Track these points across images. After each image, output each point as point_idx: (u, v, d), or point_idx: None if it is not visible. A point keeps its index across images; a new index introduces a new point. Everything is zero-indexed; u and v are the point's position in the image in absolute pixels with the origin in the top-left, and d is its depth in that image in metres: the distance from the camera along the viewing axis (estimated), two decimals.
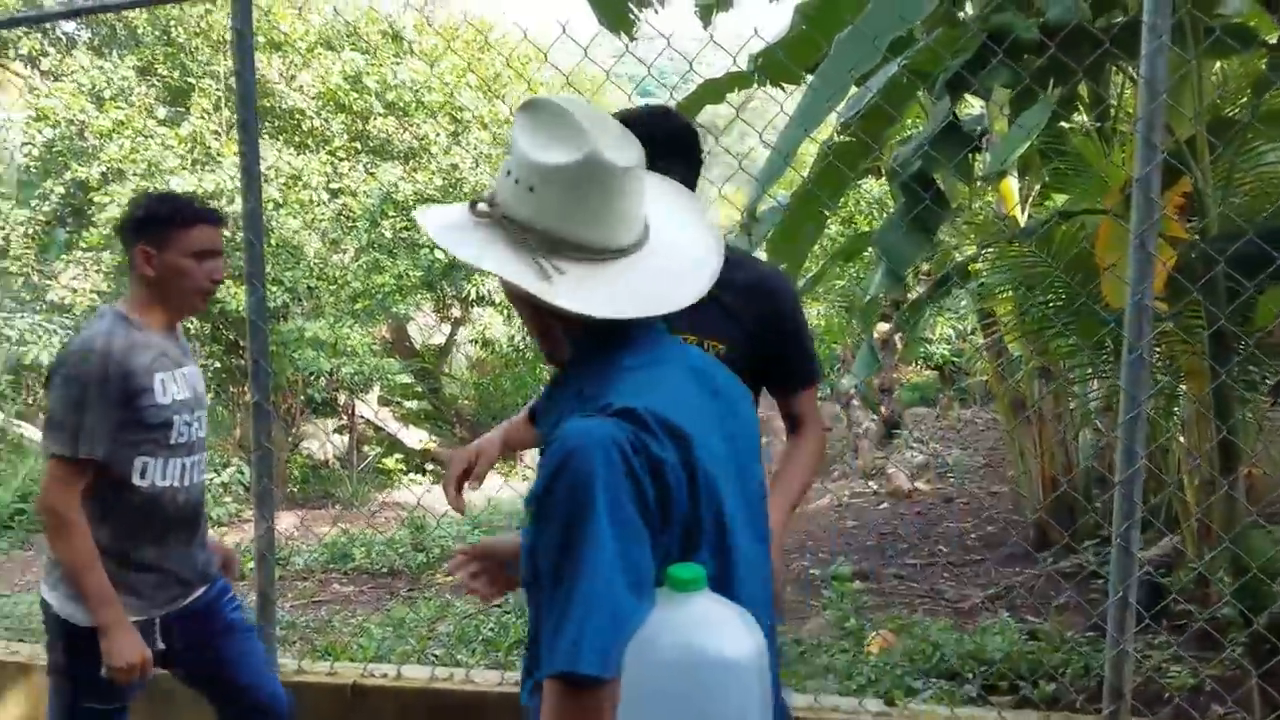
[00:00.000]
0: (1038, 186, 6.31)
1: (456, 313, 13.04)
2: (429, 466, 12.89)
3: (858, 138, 3.59)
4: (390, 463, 12.76)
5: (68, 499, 2.20)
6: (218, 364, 11.04)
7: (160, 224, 2.29)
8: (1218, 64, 4.22)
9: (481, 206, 1.32)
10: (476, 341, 12.87)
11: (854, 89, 3.58)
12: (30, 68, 10.85)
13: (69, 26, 11.12)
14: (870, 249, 5.78)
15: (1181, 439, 4.65)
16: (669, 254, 1.35)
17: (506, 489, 7.76)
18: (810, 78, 3.83)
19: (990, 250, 5.00)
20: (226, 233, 2.69)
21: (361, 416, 12.40)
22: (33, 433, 11.42)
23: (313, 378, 10.80)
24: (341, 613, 6.10)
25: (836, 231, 11.77)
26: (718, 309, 1.93)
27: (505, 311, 11.85)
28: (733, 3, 5.67)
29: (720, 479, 1.30)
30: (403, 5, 11.54)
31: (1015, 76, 2.98)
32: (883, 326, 10.07)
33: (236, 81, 2.95)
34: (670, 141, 1.91)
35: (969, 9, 3.81)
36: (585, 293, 1.27)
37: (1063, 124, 4.33)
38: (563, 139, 1.28)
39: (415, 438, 12.94)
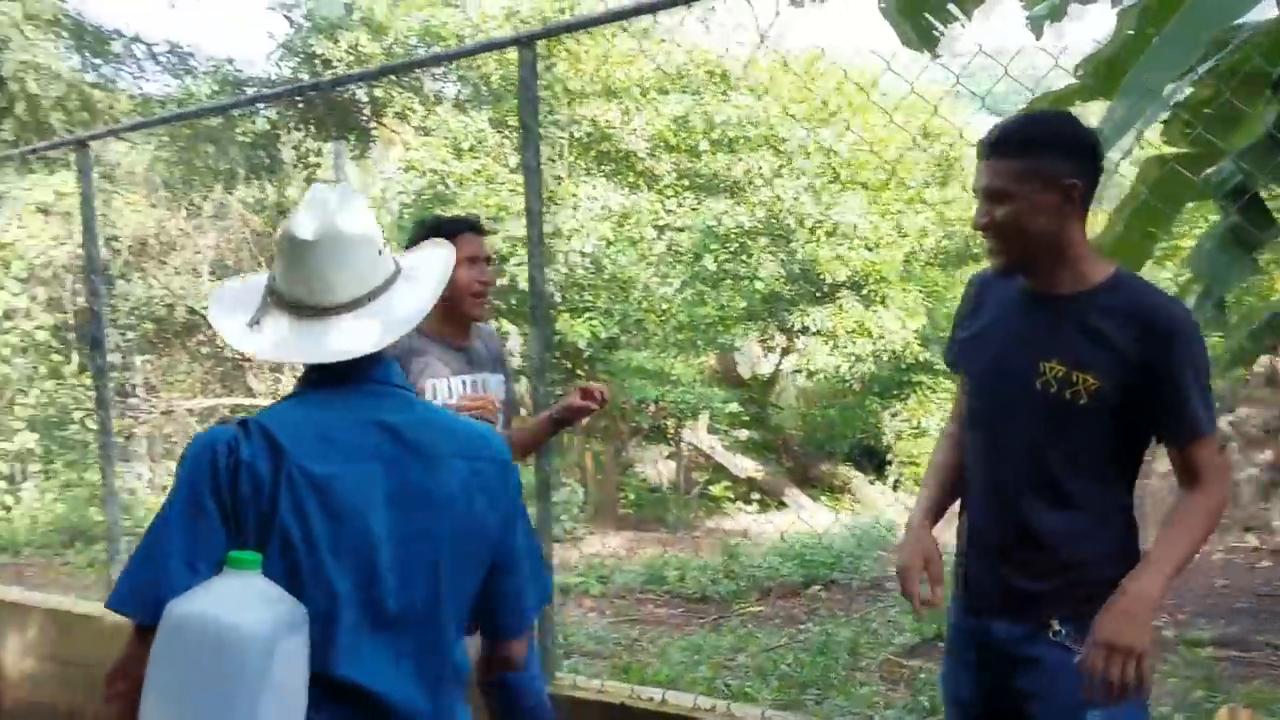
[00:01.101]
0: None
1: (782, 342, 13.07)
2: (754, 496, 12.99)
3: (1181, 149, 3.21)
4: (718, 490, 12.98)
5: None
6: (559, 390, 11.77)
7: (428, 239, 2.52)
8: None
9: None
10: (802, 371, 12.81)
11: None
12: (402, 122, 12.21)
13: (435, 84, 12.44)
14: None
15: None
16: (368, 318, 1.56)
17: (837, 525, 7.66)
18: None
19: None
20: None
21: (690, 444, 12.74)
22: None
23: (641, 405, 11.24)
24: (650, 633, 6.28)
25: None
26: (1093, 339, 1.80)
27: (830, 342, 11.73)
28: (1067, 12, 5.27)
29: (336, 512, 1.48)
30: (736, 42, 11.82)
31: None
32: (1266, 359, 8.88)
33: (520, 127, 3.15)
34: (1069, 144, 1.84)
35: None
36: (259, 338, 1.56)
37: None
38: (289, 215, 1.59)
39: (743, 466, 13.10)
